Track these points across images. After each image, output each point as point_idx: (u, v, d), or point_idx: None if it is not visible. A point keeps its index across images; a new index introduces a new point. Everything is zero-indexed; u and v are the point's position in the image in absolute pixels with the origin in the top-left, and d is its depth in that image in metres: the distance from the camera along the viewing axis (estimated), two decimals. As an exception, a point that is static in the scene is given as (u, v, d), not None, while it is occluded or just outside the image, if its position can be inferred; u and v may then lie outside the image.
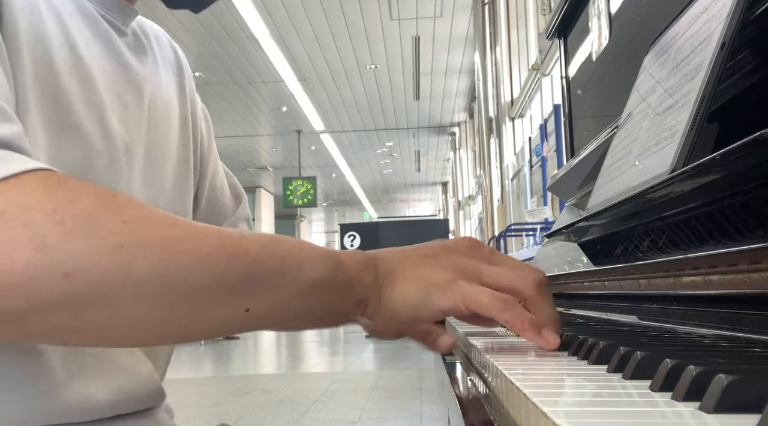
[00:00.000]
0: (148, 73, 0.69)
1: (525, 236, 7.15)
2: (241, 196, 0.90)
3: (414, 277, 0.53)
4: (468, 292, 0.52)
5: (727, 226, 0.55)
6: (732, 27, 0.57)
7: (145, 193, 0.65)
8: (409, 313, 0.53)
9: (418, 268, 0.54)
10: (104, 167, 0.59)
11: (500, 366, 0.45)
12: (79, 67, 0.58)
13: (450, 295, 0.52)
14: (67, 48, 0.57)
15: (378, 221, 16.10)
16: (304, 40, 10.04)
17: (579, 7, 1.27)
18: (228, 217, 0.86)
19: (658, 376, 0.35)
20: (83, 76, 0.58)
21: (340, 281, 0.51)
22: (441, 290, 0.53)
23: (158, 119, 0.69)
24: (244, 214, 0.89)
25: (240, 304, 0.46)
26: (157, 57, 0.73)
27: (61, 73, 0.55)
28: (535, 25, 7.22)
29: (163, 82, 0.73)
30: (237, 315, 0.46)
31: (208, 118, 0.85)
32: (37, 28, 0.54)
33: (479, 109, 9.68)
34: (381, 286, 0.53)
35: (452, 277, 0.53)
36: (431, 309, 0.53)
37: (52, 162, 0.53)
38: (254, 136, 15.32)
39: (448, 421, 0.66)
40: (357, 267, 0.52)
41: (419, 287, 0.53)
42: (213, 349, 9.50)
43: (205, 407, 4.36)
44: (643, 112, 0.74)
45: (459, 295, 0.52)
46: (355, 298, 0.52)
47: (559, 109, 5.36)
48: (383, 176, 20.62)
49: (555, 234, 1.09)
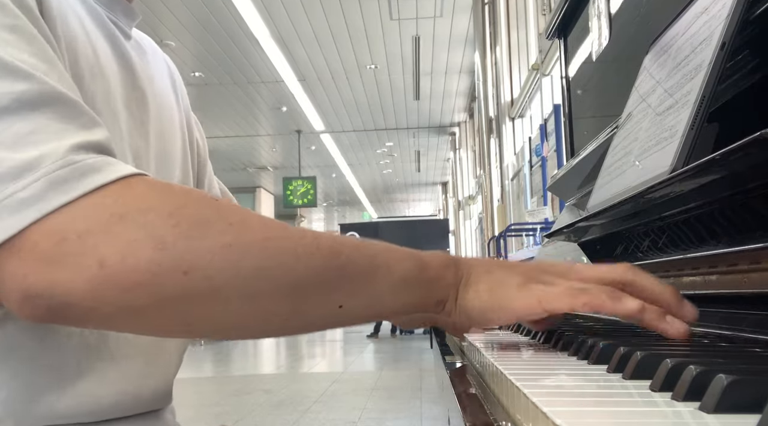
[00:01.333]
0: (151, 78, 0.69)
1: (525, 236, 7.14)
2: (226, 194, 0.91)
3: (488, 279, 0.54)
4: (544, 292, 0.52)
5: (727, 226, 0.55)
6: (732, 27, 0.57)
7: None
8: (481, 314, 0.53)
9: (492, 272, 0.55)
10: None
11: (500, 366, 0.45)
12: (99, 72, 0.59)
13: (524, 296, 0.52)
14: (90, 52, 0.58)
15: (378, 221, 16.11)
16: (304, 40, 10.03)
17: (579, 7, 1.27)
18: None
19: (658, 376, 0.35)
20: (103, 80, 0.59)
21: (425, 279, 0.52)
22: (514, 292, 0.53)
23: (163, 126, 0.69)
24: None
25: (335, 300, 0.48)
26: (155, 63, 0.74)
27: (85, 77, 0.56)
28: (535, 25, 7.21)
29: (163, 89, 0.73)
30: (332, 310, 0.49)
31: (201, 128, 0.85)
32: (69, 32, 0.55)
33: (479, 109, 9.67)
34: (459, 287, 0.54)
35: (526, 281, 0.53)
36: (504, 311, 0.53)
37: None
38: (254, 136, 15.30)
39: (448, 421, 0.66)
40: (440, 267, 0.53)
41: (492, 288, 0.53)
42: (213, 349, 9.50)
43: (205, 407, 4.36)
44: (643, 112, 0.74)
45: (534, 295, 0.52)
46: (437, 296, 0.53)
47: (559, 109, 5.35)
48: (383, 176, 20.61)
49: (555, 234, 1.09)
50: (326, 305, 0.49)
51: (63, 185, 0.42)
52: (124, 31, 0.66)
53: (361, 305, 0.50)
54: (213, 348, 9.62)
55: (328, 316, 0.50)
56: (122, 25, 0.66)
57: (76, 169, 0.43)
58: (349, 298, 0.49)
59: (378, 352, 8.40)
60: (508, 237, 6.78)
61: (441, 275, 0.53)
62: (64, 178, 0.42)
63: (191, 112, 0.82)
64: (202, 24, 9.17)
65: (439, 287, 0.53)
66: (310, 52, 10.57)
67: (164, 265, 0.42)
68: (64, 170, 0.42)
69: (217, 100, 12.20)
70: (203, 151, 0.83)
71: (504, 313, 0.53)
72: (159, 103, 0.70)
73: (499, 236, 6.99)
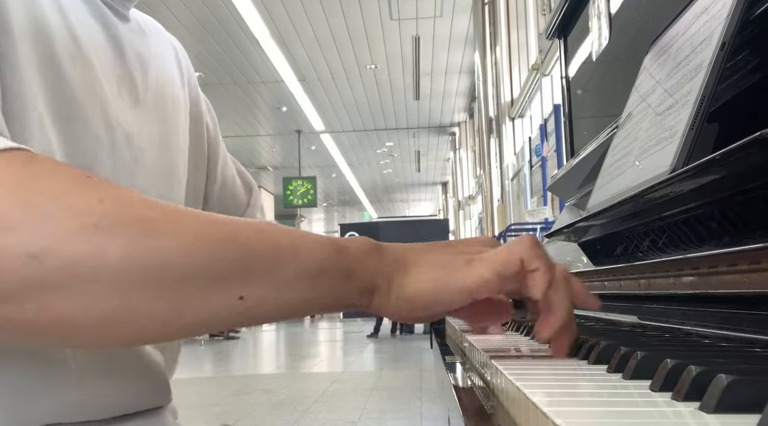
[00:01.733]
0: (150, 61, 0.67)
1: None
2: (250, 184, 0.87)
3: (429, 261, 0.48)
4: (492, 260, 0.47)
5: (727, 226, 0.55)
6: (732, 27, 0.57)
7: (155, 189, 0.63)
8: (426, 299, 0.48)
9: (432, 253, 0.49)
10: (105, 159, 0.57)
11: (500, 366, 0.45)
12: (81, 57, 0.57)
13: (473, 270, 0.47)
14: (68, 38, 0.56)
15: (378, 221, 16.10)
16: (304, 40, 10.04)
17: (579, 7, 1.27)
18: (244, 209, 0.84)
19: (658, 376, 0.35)
20: (85, 66, 0.57)
21: (341, 268, 0.46)
22: (461, 269, 0.47)
23: (165, 110, 0.67)
24: (258, 205, 0.87)
25: (231, 291, 0.42)
26: (158, 45, 0.71)
27: (63, 64, 0.54)
28: (535, 25, 7.21)
29: (167, 72, 0.71)
30: (229, 304, 0.42)
31: (212, 110, 0.83)
32: (38, 22, 0.53)
33: (479, 109, 9.68)
34: (392, 274, 0.48)
35: (470, 259, 0.48)
36: (452, 291, 0.47)
37: (66, 157, 0.52)
38: (254, 136, 15.31)
39: (448, 421, 0.66)
40: (359, 253, 0.47)
41: (435, 270, 0.48)
42: (213, 349, 9.50)
43: (205, 407, 4.36)
44: (643, 112, 0.74)
45: (483, 267, 0.47)
46: (358, 285, 0.47)
47: (559, 109, 5.36)
48: (383, 176, 20.61)
49: (555, 234, 1.09)
50: (222, 298, 0.41)
51: None
52: (119, 12, 0.64)
53: (267, 297, 0.43)
54: (213, 348, 9.63)
55: (227, 312, 0.42)
56: (118, 7, 0.64)
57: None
58: (250, 289, 0.42)
59: (378, 352, 8.40)
60: (508, 237, 6.77)
61: (361, 261, 0.47)
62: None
63: (201, 93, 0.79)
64: (202, 24, 9.17)
65: (359, 276, 0.47)
66: (310, 52, 10.58)
67: (7, 248, 0.35)
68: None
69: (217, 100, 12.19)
70: (213, 133, 0.80)
71: (455, 292, 0.47)
72: (158, 86, 0.67)
73: (499, 236, 6.99)
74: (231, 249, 0.42)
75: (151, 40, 0.70)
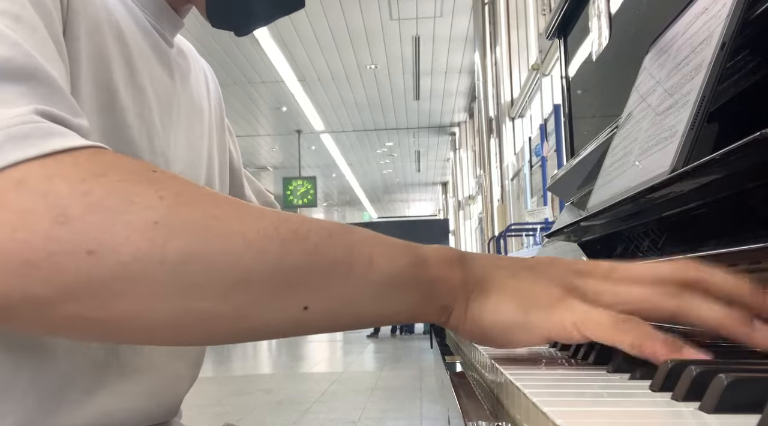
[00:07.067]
0: (191, 88, 0.70)
1: (525, 236, 7.14)
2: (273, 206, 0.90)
3: (512, 290, 0.43)
4: (585, 315, 0.41)
5: (727, 226, 0.55)
6: (732, 27, 0.57)
7: None
8: (501, 334, 0.43)
9: (518, 278, 0.43)
10: None
11: (500, 366, 0.45)
12: (134, 82, 0.58)
13: (558, 318, 0.42)
14: (124, 64, 0.57)
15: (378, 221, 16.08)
16: (304, 40, 10.04)
17: (579, 7, 1.27)
18: None
19: (658, 376, 0.35)
20: (137, 91, 0.58)
21: (422, 280, 0.42)
22: (546, 310, 0.42)
23: (195, 136, 0.69)
24: None
25: (296, 300, 0.39)
26: (195, 69, 0.74)
27: (119, 90, 0.55)
28: (535, 25, 7.21)
29: (202, 98, 0.73)
30: (293, 313, 0.39)
31: (233, 134, 0.85)
32: (100, 49, 0.54)
33: (479, 109, 9.68)
34: (471, 293, 0.43)
35: (563, 294, 0.42)
36: (531, 333, 0.42)
37: None
38: (254, 136, 15.31)
39: (448, 421, 0.66)
40: (442, 264, 0.43)
41: (517, 303, 0.42)
42: (213, 349, 9.49)
43: (205, 407, 4.36)
44: (643, 112, 0.74)
45: (572, 317, 0.41)
46: (439, 302, 0.43)
47: (559, 109, 5.36)
48: (383, 176, 20.61)
49: (555, 234, 1.09)
50: (285, 306, 0.39)
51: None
52: (167, 39, 0.66)
53: (333, 309, 0.40)
54: (213, 348, 9.62)
55: (288, 321, 0.39)
56: (166, 34, 0.66)
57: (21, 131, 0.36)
58: (316, 299, 0.39)
59: (378, 352, 8.39)
60: (508, 237, 6.78)
61: (444, 275, 0.42)
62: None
63: (225, 118, 0.82)
64: (202, 24, 9.17)
65: (442, 291, 0.42)
66: (310, 52, 10.58)
67: (64, 242, 0.34)
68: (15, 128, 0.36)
69: (217, 100, 12.19)
70: (236, 160, 0.83)
71: (533, 334, 0.42)
72: (195, 112, 0.69)
73: (499, 236, 6.99)
74: (297, 253, 0.38)
75: (190, 62, 0.72)
